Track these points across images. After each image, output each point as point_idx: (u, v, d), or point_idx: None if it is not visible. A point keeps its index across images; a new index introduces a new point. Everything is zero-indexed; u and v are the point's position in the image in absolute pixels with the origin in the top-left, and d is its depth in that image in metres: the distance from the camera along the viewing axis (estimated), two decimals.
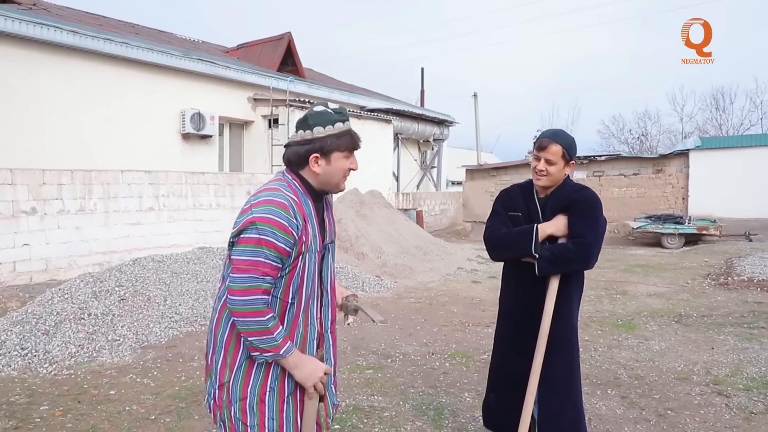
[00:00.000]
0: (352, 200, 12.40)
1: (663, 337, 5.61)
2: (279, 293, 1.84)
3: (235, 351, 1.90)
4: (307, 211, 1.88)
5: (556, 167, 2.55)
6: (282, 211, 1.77)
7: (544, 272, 2.50)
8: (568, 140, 2.61)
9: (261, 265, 1.74)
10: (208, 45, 16.31)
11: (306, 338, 1.93)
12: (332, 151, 1.87)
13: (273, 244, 1.74)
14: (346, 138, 1.88)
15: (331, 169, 1.89)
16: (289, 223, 1.77)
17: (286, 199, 1.81)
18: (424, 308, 7.14)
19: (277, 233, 1.75)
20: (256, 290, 1.74)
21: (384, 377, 4.50)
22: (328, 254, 2.03)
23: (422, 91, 24.20)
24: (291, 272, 1.84)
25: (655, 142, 37.08)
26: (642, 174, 17.11)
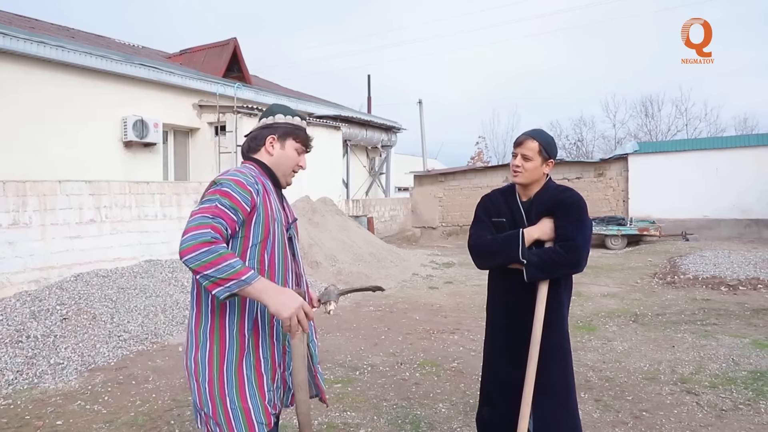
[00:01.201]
0: (303, 208, 12.16)
1: (624, 338, 5.71)
2: (254, 264, 1.87)
3: (221, 345, 1.85)
4: (268, 187, 1.98)
5: (533, 164, 2.50)
6: (244, 175, 1.88)
7: (533, 278, 2.43)
8: (545, 138, 2.58)
9: (215, 208, 1.76)
10: (148, 50, 15.69)
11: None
12: (287, 137, 2.04)
13: (229, 194, 1.79)
14: (301, 132, 2.08)
15: (284, 153, 2.03)
16: (248, 182, 1.85)
17: (250, 169, 1.96)
18: (386, 317, 7.01)
19: (233, 186, 1.82)
20: (205, 226, 1.70)
21: (354, 391, 4.34)
22: (295, 240, 2.10)
23: (369, 98, 24.20)
24: (263, 242, 1.89)
25: (590, 147, 38.56)
26: (584, 178, 17.65)
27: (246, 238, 1.87)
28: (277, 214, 1.95)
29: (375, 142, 19.20)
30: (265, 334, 1.90)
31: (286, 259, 1.97)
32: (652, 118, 36.34)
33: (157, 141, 11.48)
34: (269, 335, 1.91)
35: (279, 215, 1.96)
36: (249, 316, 1.88)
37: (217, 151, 12.53)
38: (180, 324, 6.45)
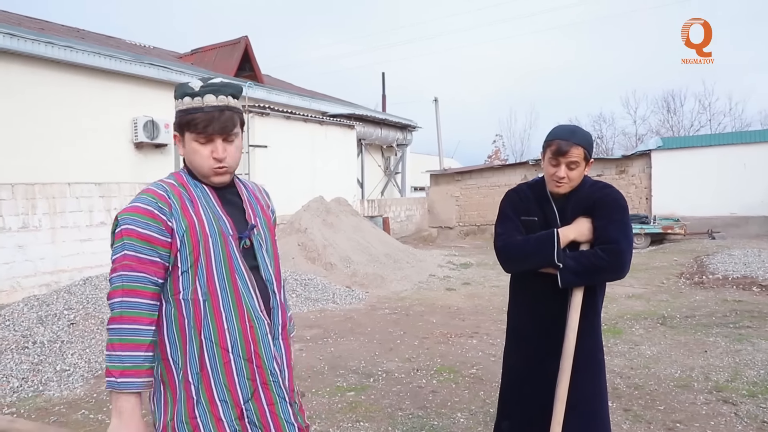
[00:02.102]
0: (317, 208, 11.97)
1: (652, 341, 5.41)
2: (189, 295, 1.57)
3: (173, 392, 1.60)
4: (199, 195, 1.64)
5: (578, 171, 2.22)
6: (147, 196, 1.57)
7: (569, 284, 2.17)
8: (587, 139, 2.28)
9: (127, 259, 1.51)
10: (159, 50, 15.63)
11: (253, 334, 1.63)
12: (183, 130, 1.62)
13: (135, 233, 1.52)
14: (194, 116, 1.58)
15: (187, 151, 1.63)
16: (154, 206, 1.55)
17: (159, 185, 1.61)
18: (402, 320, 6.78)
19: (138, 219, 1.53)
20: (125, 291, 1.50)
21: (368, 399, 4.11)
22: (260, 248, 1.72)
23: (383, 96, 23.94)
24: (194, 266, 1.57)
25: (611, 144, 37.89)
26: (606, 175, 17.22)
27: (175, 265, 1.57)
28: (212, 227, 1.60)
29: (390, 140, 18.98)
30: (218, 374, 1.59)
31: (235, 282, 1.61)
32: (675, 113, 35.61)
33: (169, 142, 11.35)
34: (225, 374, 1.60)
35: (214, 227, 1.61)
36: (192, 360, 1.58)
37: None
38: None
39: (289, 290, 8.14)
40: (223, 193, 1.69)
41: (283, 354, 1.72)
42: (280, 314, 1.74)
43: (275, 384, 1.66)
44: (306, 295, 8.09)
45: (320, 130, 14.15)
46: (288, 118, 13.07)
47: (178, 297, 1.57)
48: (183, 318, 1.57)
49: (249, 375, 1.62)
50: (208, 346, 1.58)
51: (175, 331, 1.58)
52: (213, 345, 1.58)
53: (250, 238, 1.69)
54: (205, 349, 1.58)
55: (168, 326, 1.58)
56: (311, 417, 3.76)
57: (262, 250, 1.73)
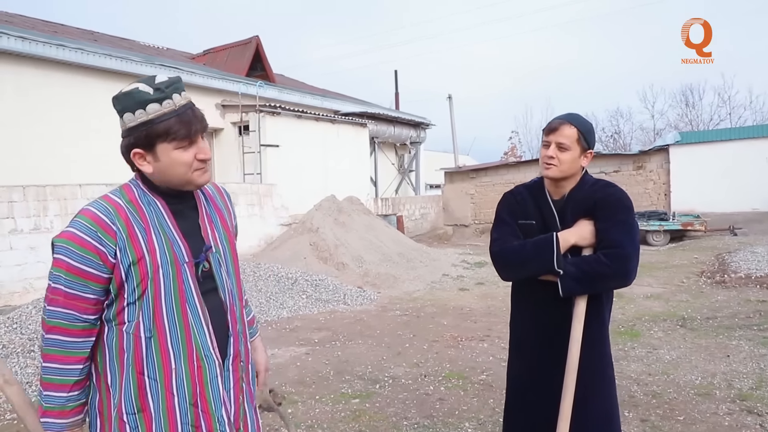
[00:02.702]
0: (329, 208, 11.87)
1: (672, 345, 5.20)
2: (131, 328, 1.41)
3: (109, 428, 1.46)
4: (152, 215, 1.44)
5: (570, 154, 2.05)
6: (86, 222, 1.37)
7: (570, 292, 2.01)
8: (585, 124, 2.12)
9: (55, 293, 1.37)
10: (172, 51, 15.65)
11: (201, 376, 1.46)
12: (154, 143, 1.39)
13: (66, 264, 1.35)
14: (169, 123, 1.37)
15: (163, 165, 1.41)
16: (93, 236, 1.35)
17: (102, 206, 1.40)
18: (412, 322, 6.63)
19: (71, 249, 1.35)
20: (50, 327, 1.38)
21: (373, 407, 3.98)
22: (219, 267, 1.53)
23: (396, 94, 23.78)
24: (141, 297, 1.40)
25: (628, 139, 37.25)
26: (623, 171, 16.90)
27: (120, 297, 1.40)
28: (163, 255, 1.42)
29: (403, 138, 18.82)
30: (161, 418, 1.43)
31: (186, 316, 1.44)
32: (693, 107, 34.88)
33: None
34: (167, 419, 1.43)
35: (166, 255, 1.42)
36: (128, 397, 1.42)
37: (241, 151, 12.34)
38: None
39: (299, 291, 8.05)
40: (179, 207, 1.51)
41: (231, 387, 1.54)
42: (234, 343, 1.56)
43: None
44: (317, 296, 7.99)
45: (332, 128, 14.04)
46: (299, 117, 12.98)
47: (121, 328, 1.42)
48: (123, 351, 1.42)
49: (193, 422, 1.45)
50: (152, 386, 1.42)
51: (115, 361, 1.43)
52: (158, 385, 1.42)
53: (208, 259, 1.52)
54: (148, 389, 1.42)
55: (109, 355, 1.43)
56: (312, 426, 3.64)
57: (222, 270, 1.55)
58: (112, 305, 1.41)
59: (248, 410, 1.62)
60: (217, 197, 1.68)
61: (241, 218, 9.01)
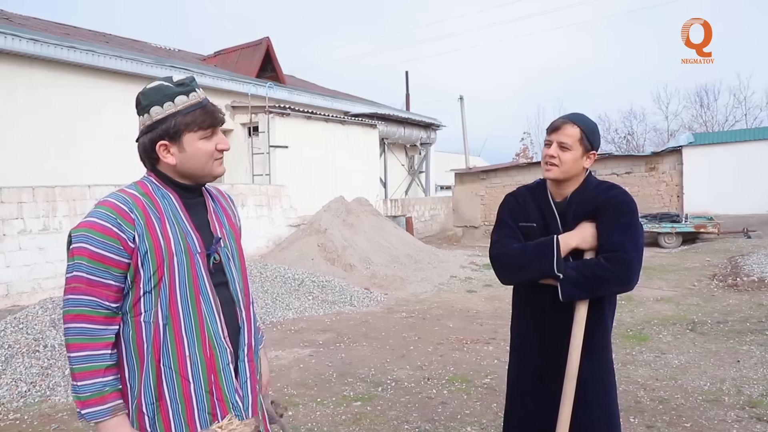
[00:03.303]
0: (337, 209, 11.86)
1: (680, 350, 5.11)
2: (151, 317, 1.43)
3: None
4: (166, 207, 1.50)
5: (572, 155, 2.01)
6: (106, 210, 1.41)
7: (570, 297, 1.96)
8: (588, 123, 2.08)
9: (77, 281, 1.38)
10: (184, 53, 15.73)
11: (214, 364, 1.49)
12: (181, 134, 1.47)
13: (88, 252, 1.37)
14: (195, 114, 1.47)
15: (187, 155, 1.49)
16: (113, 222, 1.39)
17: (120, 197, 1.44)
18: (418, 324, 6.59)
19: (92, 237, 1.38)
20: (73, 316, 1.38)
21: (374, 411, 3.94)
22: (228, 261, 1.59)
23: (407, 95, 23.74)
24: (157, 287, 1.44)
25: (641, 140, 36.92)
26: (635, 172, 16.72)
27: (136, 286, 1.43)
28: (178, 245, 1.47)
29: (413, 139, 18.77)
30: (178, 406, 1.46)
31: (199, 305, 1.48)
32: (708, 108, 34.50)
33: None
34: (185, 406, 1.46)
35: (181, 245, 1.48)
36: (147, 388, 1.44)
37: (251, 152, 12.37)
38: None
39: (305, 293, 8.04)
40: (190, 202, 1.56)
41: (248, 379, 1.59)
42: (246, 334, 1.60)
43: (237, 418, 1.51)
44: (323, 297, 7.97)
45: (342, 129, 14.02)
46: (309, 118, 12.98)
47: (138, 319, 1.44)
48: (142, 342, 1.44)
49: (209, 409, 1.48)
50: (167, 374, 1.45)
51: (133, 354, 1.45)
52: (173, 373, 1.45)
53: (218, 252, 1.57)
54: (164, 377, 1.45)
55: (126, 349, 1.45)
56: (311, 429, 3.62)
57: (230, 264, 1.60)
58: (128, 295, 1.44)
59: (262, 403, 1.66)
60: (221, 199, 1.74)
61: (249, 219, 9.05)
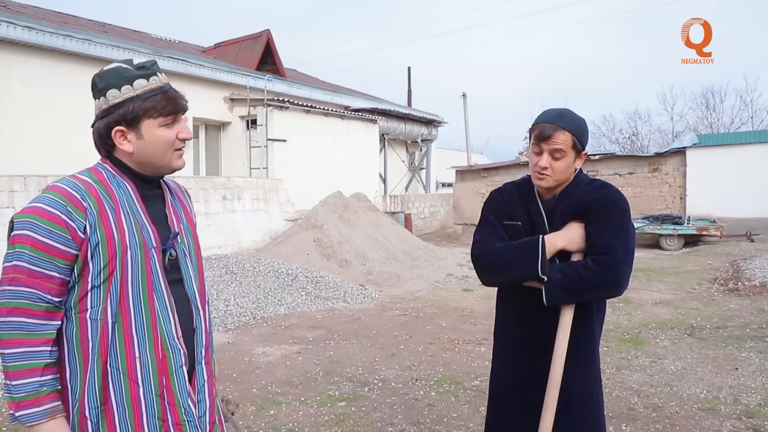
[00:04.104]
0: (335, 204, 11.73)
1: (677, 355, 4.98)
2: (98, 314, 1.32)
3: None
4: (122, 197, 1.39)
5: (564, 162, 1.85)
6: (55, 196, 1.29)
7: (555, 301, 1.83)
8: (577, 124, 1.90)
9: (17, 271, 1.26)
10: (184, 44, 15.61)
11: (166, 366, 1.38)
12: (139, 119, 1.36)
13: (31, 240, 1.26)
14: (156, 99, 1.37)
15: (145, 143, 1.38)
16: (63, 210, 1.28)
17: (72, 183, 1.33)
18: (410, 322, 6.47)
19: (38, 224, 1.26)
20: (10, 309, 1.26)
21: (359, 411, 3.82)
22: (185, 258, 1.49)
23: (409, 91, 23.56)
24: (107, 281, 1.32)
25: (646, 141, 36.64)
26: (638, 173, 16.56)
27: (84, 280, 1.32)
28: (132, 237, 1.36)
29: (414, 136, 18.62)
30: (125, 411, 1.34)
31: (152, 302, 1.37)
32: (714, 110, 34.19)
33: None
34: (132, 411, 1.35)
35: (135, 237, 1.37)
36: (92, 391, 1.33)
37: (248, 145, 12.24)
38: None
39: (299, 288, 7.92)
40: (148, 193, 1.46)
41: (205, 382, 1.48)
42: (203, 335, 1.50)
43: (190, 423, 1.42)
44: (316, 293, 7.85)
45: (341, 124, 13.88)
46: (308, 112, 12.84)
47: (84, 315, 1.32)
48: (87, 340, 1.32)
49: (160, 414, 1.37)
50: (114, 376, 1.34)
51: (76, 353, 1.33)
52: (121, 375, 1.34)
53: (174, 247, 1.46)
54: (111, 380, 1.33)
55: (68, 348, 1.34)
56: (292, 429, 3.50)
57: (187, 261, 1.51)
58: (73, 290, 1.33)
59: (219, 407, 1.58)
60: (179, 192, 1.64)
61: (246, 212, 8.90)
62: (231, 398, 1.83)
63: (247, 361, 4.99)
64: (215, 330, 6.07)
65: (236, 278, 7.85)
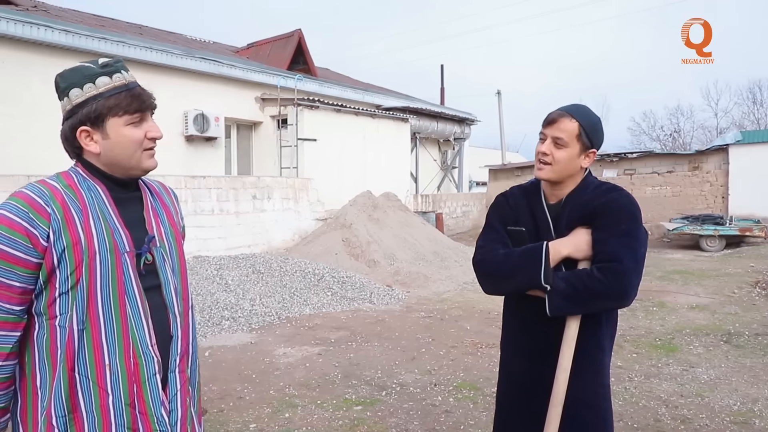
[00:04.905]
0: (364, 203, 11.71)
1: (711, 363, 4.76)
2: (66, 321, 1.29)
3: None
4: (91, 201, 1.35)
5: (567, 153, 1.78)
6: (17, 203, 1.27)
7: (559, 311, 1.74)
8: (589, 117, 1.83)
9: None
10: (217, 45, 15.82)
11: (138, 374, 1.35)
12: (104, 118, 1.33)
13: None
14: (120, 97, 1.34)
15: (112, 143, 1.35)
16: (24, 217, 1.25)
17: (36, 188, 1.31)
18: (434, 324, 6.38)
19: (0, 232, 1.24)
20: None
21: (374, 416, 3.77)
22: (163, 262, 1.45)
23: (442, 89, 23.37)
24: (75, 286, 1.29)
25: (688, 138, 35.57)
26: (677, 171, 16.00)
27: (51, 286, 1.30)
28: (102, 242, 1.32)
29: (447, 134, 18.44)
30: (94, 419, 1.32)
31: (123, 309, 1.34)
32: (761, 105, 32.94)
33: (219, 135, 11.40)
34: (102, 420, 1.32)
35: (105, 242, 1.33)
36: (58, 399, 1.30)
37: (279, 145, 12.32)
38: (216, 325, 6.15)
39: (325, 288, 7.91)
40: (122, 196, 1.42)
41: (178, 391, 1.44)
42: (180, 342, 1.46)
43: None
44: (342, 293, 7.83)
45: (372, 123, 13.84)
46: (338, 111, 12.85)
47: (53, 322, 1.31)
48: (56, 348, 1.31)
49: (130, 424, 1.35)
50: (83, 384, 1.32)
51: (46, 360, 1.32)
52: (90, 383, 1.32)
53: (151, 252, 1.42)
54: (80, 387, 1.31)
55: (39, 354, 1.32)
56: None
57: (166, 266, 1.46)
58: (41, 296, 1.31)
59: (194, 417, 1.51)
60: (164, 194, 1.61)
61: (275, 212, 8.92)
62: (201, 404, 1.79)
63: (267, 362, 5.00)
64: (239, 329, 6.11)
65: (263, 278, 7.90)
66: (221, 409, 3.89)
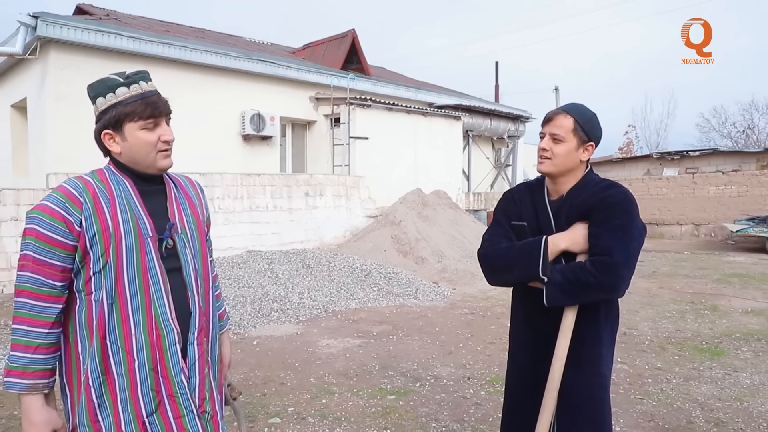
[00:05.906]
0: (414, 201, 11.85)
1: (757, 368, 4.64)
2: (99, 296, 1.52)
3: (78, 395, 1.57)
4: (119, 193, 1.58)
5: (565, 147, 1.91)
6: (57, 195, 1.51)
7: (554, 302, 1.85)
8: (584, 113, 1.97)
9: (25, 259, 1.49)
10: (275, 47, 16.33)
11: (160, 343, 1.57)
12: (122, 123, 1.56)
13: (36, 232, 1.48)
14: (135, 104, 1.56)
15: (129, 145, 1.58)
16: (62, 206, 1.50)
17: (73, 182, 1.55)
18: (476, 321, 6.46)
19: (42, 219, 1.48)
20: (20, 291, 1.49)
21: (406, 405, 3.93)
22: (184, 247, 1.66)
23: (497, 86, 23.18)
24: (105, 267, 1.52)
25: (763, 135, 33.58)
26: (744, 170, 15.28)
27: (87, 266, 1.53)
28: (128, 228, 1.55)
29: (500, 132, 18.29)
30: (123, 379, 1.54)
31: (147, 286, 1.55)
32: None
33: (274, 134, 11.82)
34: (129, 380, 1.54)
35: (131, 228, 1.55)
36: (93, 363, 1.53)
37: (332, 143, 12.64)
38: (266, 317, 6.46)
39: (371, 284, 8.12)
40: (147, 189, 1.64)
41: (196, 360, 1.65)
42: (198, 318, 1.66)
43: (182, 396, 1.60)
44: (388, 289, 8.02)
45: (424, 121, 13.96)
46: (390, 110, 13.04)
47: (89, 298, 1.54)
48: (92, 319, 1.54)
49: (153, 386, 1.57)
50: (113, 350, 1.54)
51: (84, 330, 1.56)
52: (119, 349, 1.54)
53: (172, 237, 1.64)
54: (111, 353, 1.54)
55: (78, 325, 1.56)
56: (338, 418, 3.67)
57: (186, 250, 1.67)
58: (79, 274, 1.54)
59: (214, 385, 1.72)
60: (188, 187, 1.81)
61: (327, 209, 9.24)
62: (235, 385, 1.99)
63: (310, 351, 5.24)
64: (288, 321, 6.40)
65: (311, 272, 8.19)
66: (264, 393, 4.15)
